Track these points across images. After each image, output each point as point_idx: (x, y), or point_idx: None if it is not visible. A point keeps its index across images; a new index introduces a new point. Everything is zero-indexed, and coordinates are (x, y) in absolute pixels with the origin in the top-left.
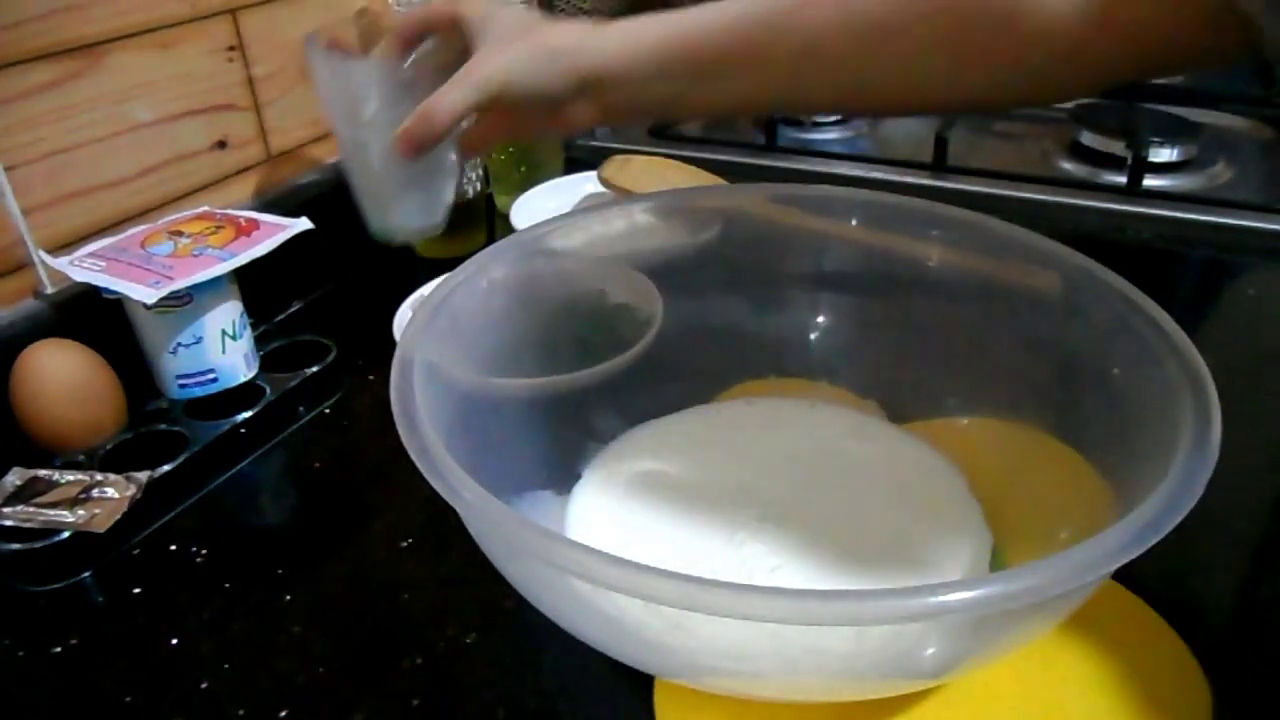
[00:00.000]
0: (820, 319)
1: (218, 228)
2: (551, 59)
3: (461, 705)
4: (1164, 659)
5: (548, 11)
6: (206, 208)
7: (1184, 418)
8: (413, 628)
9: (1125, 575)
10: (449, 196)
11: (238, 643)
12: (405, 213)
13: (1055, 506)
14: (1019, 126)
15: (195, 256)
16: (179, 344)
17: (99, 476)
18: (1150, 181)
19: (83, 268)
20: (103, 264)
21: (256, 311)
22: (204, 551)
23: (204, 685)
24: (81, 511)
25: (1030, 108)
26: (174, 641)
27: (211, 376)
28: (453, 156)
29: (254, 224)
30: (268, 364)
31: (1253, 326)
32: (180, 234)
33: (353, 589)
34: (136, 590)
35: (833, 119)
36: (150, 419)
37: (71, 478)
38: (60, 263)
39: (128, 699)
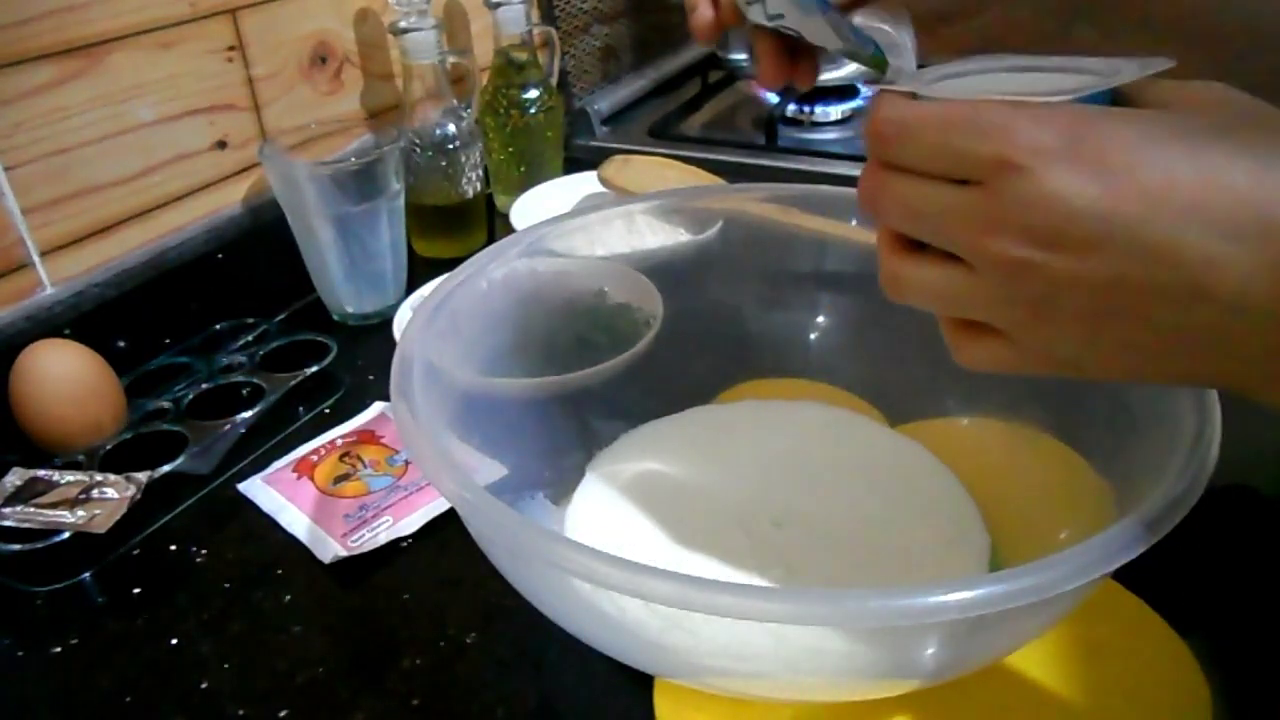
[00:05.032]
0: (820, 319)
1: None
2: None
3: (461, 705)
4: (1164, 659)
5: (548, 12)
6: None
7: (1184, 418)
8: (413, 628)
9: (1125, 575)
10: (400, 283)
11: (238, 643)
12: (355, 296)
13: (1055, 506)
14: None
15: None
16: None
17: (99, 477)
18: None
19: None
20: None
21: (256, 311)
22: (204, 551)
23: (204, 685)
24: (81, 512)
25: None
26: (174, 641)
27: None
28: (403, 245)
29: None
30: (268, 364)
31: None
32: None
33: (353, 589)
34: (136, 590)
35: (833, 119)
36: (150, 419)
37: (71, 478)
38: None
39: (128, 699)
